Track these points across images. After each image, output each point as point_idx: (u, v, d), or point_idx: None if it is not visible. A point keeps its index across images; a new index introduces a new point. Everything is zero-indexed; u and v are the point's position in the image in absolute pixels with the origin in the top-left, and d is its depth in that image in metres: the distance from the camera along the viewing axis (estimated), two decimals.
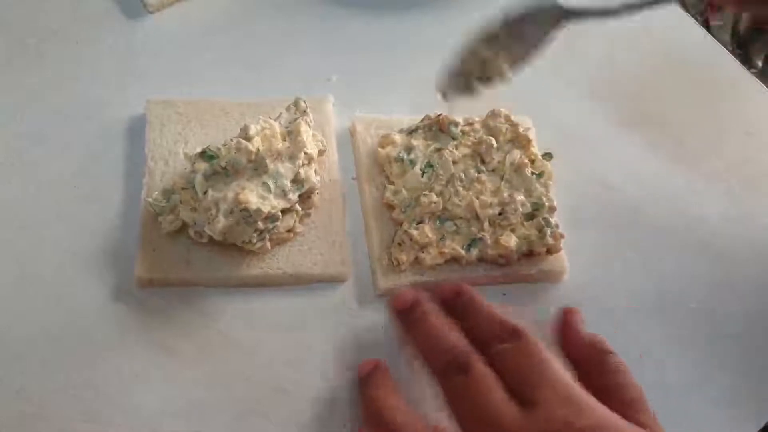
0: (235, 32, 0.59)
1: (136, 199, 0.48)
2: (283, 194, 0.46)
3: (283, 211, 0.46)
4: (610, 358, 0.40)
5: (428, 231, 0.48)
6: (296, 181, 0.46)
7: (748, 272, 0.53)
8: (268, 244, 0.46)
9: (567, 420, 0.35)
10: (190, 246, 0.46)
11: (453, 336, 0.39)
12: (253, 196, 0.44)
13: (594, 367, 0.41)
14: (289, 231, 0.47)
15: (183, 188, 0.46)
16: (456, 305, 0.41)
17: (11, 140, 0.50)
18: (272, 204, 0.45)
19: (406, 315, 0.41)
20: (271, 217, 0.45)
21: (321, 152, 0.50)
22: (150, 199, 0.46)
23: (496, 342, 0.38)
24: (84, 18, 0.57)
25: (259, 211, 0.44)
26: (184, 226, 0.46)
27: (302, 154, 0.47)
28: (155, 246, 0.46)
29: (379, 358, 0.42)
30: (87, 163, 0.50)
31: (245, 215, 0.44)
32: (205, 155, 0.46)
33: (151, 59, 0.56)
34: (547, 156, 0.53)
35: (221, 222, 0.44)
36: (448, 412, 0.39)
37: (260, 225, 0.44)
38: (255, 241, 0.45)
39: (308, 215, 0.49)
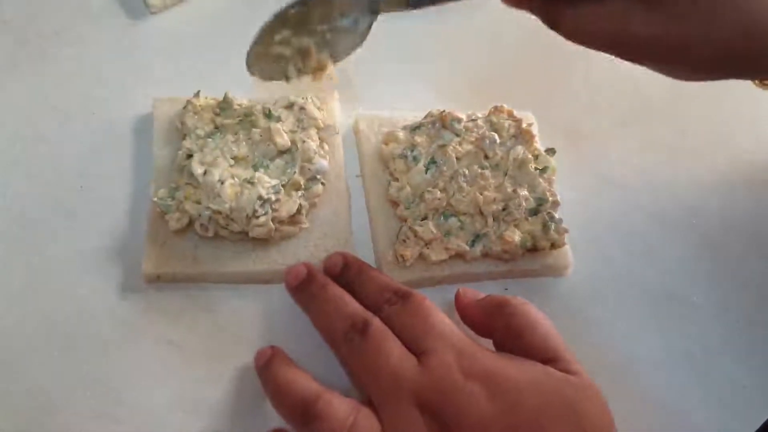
0: (238, 32, 0.59)
1: (143, 196, 0.48)
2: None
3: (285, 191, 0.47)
4: (506, 307, 0.42)
5: (432, 227, 0.48)
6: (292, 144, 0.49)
7: (751, 267, 0.53)
8: (272, 224, 0.45)
9: (459, 363, 0.37)
10: (197, 242, 0.46)
11: (350, 304, 0.41)
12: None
13: (497, 321, 0.42)
14: (294, 224, 0.47)
15: (186, 183, 0.47)
16: (346, 276, 0.43)
17: (16, 140, 0.50)
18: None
19: (302, 290, 0.43)
20: (273, 187, 0.46)
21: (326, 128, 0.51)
22: (156, 198, 0.46)
23: (386, 305, 0.41)
24: (87, 19, 0.57)
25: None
26: (191, 223, 0.46)
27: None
28: (163, 242, 0.46)
29: (273, 345, 0.42)
30: (92, 162, 0.50)
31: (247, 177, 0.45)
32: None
33: (154, 59, 0.56)
34: (550, 151, 0.53)
35: (227, 188, 0.45)
36: (351, 378, 0.41)
37: (263, 192, 0.45)
38: (260, 215, 0.45)
39: (314, 205, 0.49)
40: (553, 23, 0.40)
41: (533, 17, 0.41)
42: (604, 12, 0.38)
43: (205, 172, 0.46)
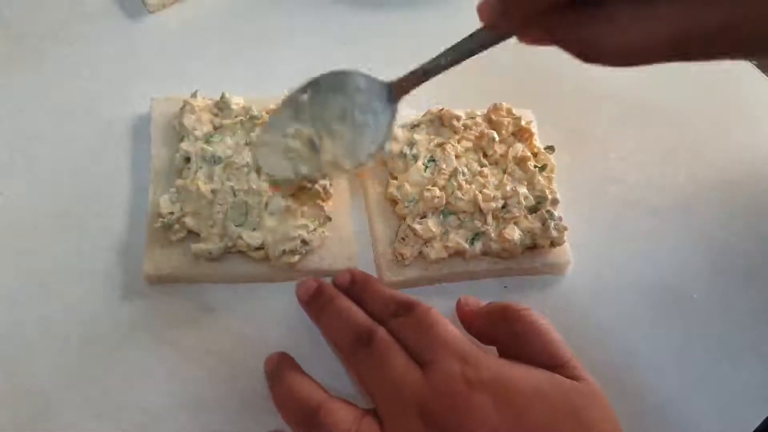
0: (235, 30, 0.59)
1: (143, 195, 0.48)
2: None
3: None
4: (509, 313, 0.42)
5: (432, 225, 0.48)
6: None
7: (751, 263, 0.53)
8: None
9: (464, 373, 0.37)
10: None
11: (357, 315, 0.41)
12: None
13: (500, 328, 0.42)
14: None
15: (198, 213, 0.46)
16: (353, 291, 0.44)
17: (14, 140, 0.50)
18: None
19: (313, 304, 0.44)
20: (315, 229, 0.46)
21: None
22: (158, 223, 0.45)
23: (392, 317, 0.41)
24: (84, 18, 0.57)
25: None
26: (190, 232, 0.46)
27: None
28: (163, 243, 0.46)
29: (283, 351, 0.43)
30: (90, 162, 0.50)
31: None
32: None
33: (152, 59, 0.56)
34: (549, 149, 0.53)
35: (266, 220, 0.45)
36: (359, 387, 0.41)
37: (306, 236, 0.45)
38: (297, 253, 0.46)
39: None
40: (594, 57, 0.33)
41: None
42: (662, 13, 0.31)
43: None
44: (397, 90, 0.42)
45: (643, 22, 0.31)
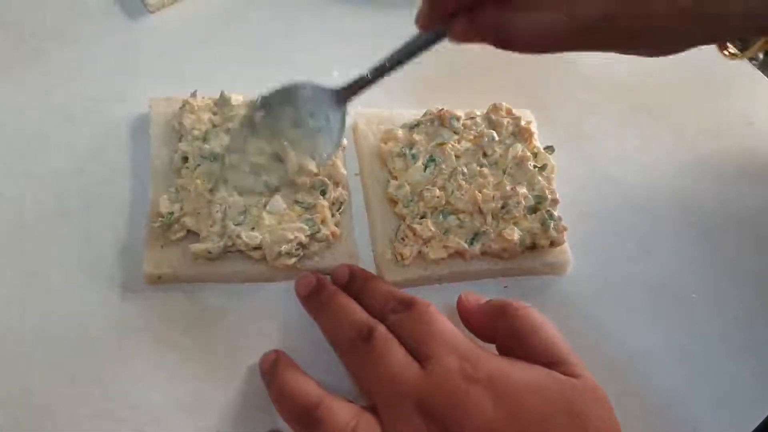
0: (236, 29, 0.59)
1: (143, 195, 0.48)
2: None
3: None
4: (508, 310, 0.42)
5: (431, 225, 0.48)
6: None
7: (749, 262, 0.53)
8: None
9: (462, 369, 0.37)
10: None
11: (356, 312, 0.41)
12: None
13: (499, 325, 0.42)
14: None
15: (198, 212, 0.46)
16: (352, 287, 0.44)
17: (14, 140, 0.50)
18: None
19: (312, 299, 0.44)
20: (310, 228, 0.46)
21: None
22: (157, 223, 0.46)
23: (391, 314, 0.41)
24: (85, 18, 0.58)
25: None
26: (190, 231, 0.46)
27: None
28: (162, 242, 0.46)
29: (278, 348, 0.43)
30: (91, 162, 0.50)
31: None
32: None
33: (152, 58, 0.56)
34: (549, 149, 0.53)
35: (265, 219, 0.45)
36: (356, 383, 0.41)
37: (303, 238, 0.45)
38: (294, 255, 0.46)
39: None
40: (506, 41, 0.39)
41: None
42: (547, 12, 0.37)
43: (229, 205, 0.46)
44: (344, 93, 0.45)
45: (540, 12, 0.37)
